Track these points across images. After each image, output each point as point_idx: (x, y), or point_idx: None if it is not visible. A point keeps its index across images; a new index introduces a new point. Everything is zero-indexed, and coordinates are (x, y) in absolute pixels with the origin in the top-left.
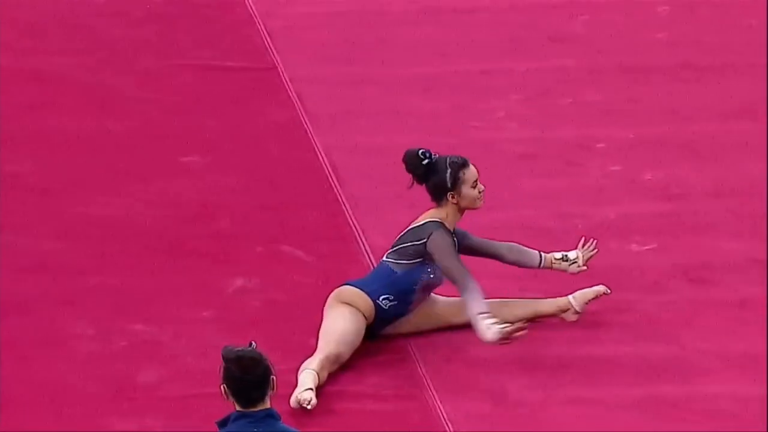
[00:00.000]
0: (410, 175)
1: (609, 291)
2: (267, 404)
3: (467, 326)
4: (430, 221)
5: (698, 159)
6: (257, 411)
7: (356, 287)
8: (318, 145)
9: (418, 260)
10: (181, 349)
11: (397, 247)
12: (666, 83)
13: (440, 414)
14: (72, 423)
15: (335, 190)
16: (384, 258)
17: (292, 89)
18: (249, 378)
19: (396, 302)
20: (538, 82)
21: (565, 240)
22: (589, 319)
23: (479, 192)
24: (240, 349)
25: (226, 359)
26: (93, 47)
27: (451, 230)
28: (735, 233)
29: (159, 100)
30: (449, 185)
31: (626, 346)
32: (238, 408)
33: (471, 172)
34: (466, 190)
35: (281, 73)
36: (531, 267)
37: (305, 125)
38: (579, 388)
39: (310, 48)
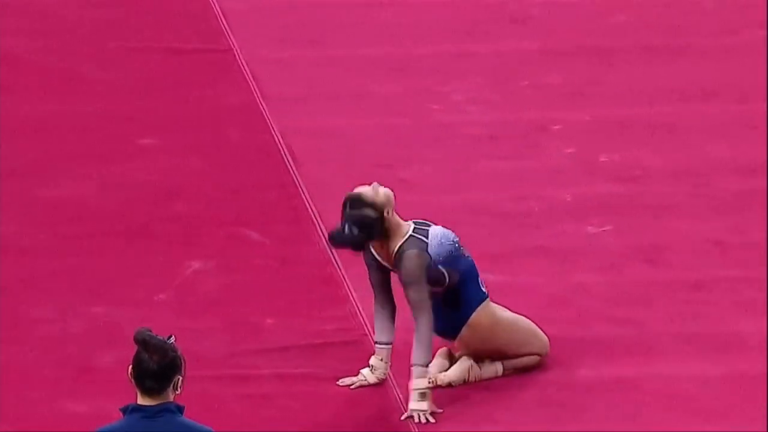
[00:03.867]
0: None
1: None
2: (166, 399)
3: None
4: (399, 251)
5: (656, 141)
6: (153, 405)
7: (480, 304)
8: (274, 127)
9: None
10: None
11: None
12: (625, 65)
13: (396, 397)
14: (30, 405)
15: (292, 172)
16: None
17: (248, 71)
18: (149, 365)
19: (479, 278)
20: (498, 64)
21: (522, 221)
22: (544, 301)
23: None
24: (151, 334)
25: (135, 340)
26: (52, 30)
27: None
28: (693, 214)
29: (116, 82)
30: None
31: (583, 328)
32: (138, 397)
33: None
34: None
35: (237, 56)
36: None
37: (262, 108)
38: (536, 370)
39: (267, 30)
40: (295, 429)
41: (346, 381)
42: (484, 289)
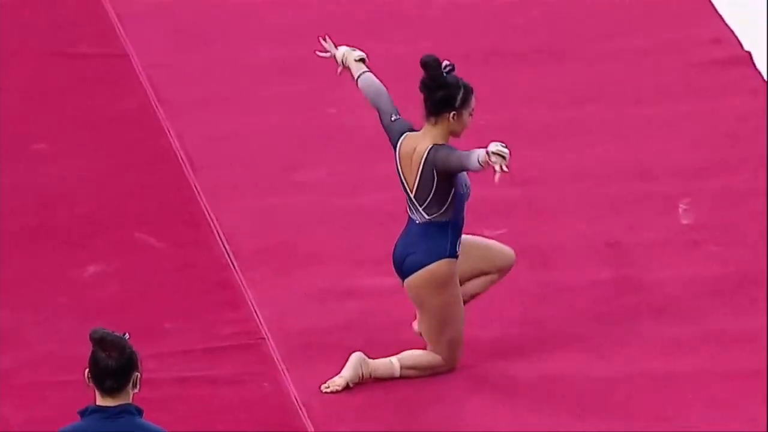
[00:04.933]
0: (423, 82)
1: None
2: (127, 399)
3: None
4: (430, 149)
5: (550, 143)
6: (114, 406)
7: (443, 259)
8: (171, 131)
9: (452, 192)
10: (38, 335)
11: (428, 199)
12: (519, 68)
13: (294, 399)
14: None
15: (188, 176)
16: (424, 219)
17: (144, 75)
18: (107, 362)
19: (460, 238)
20: (394, 66)
21: None
22: None
23: (470, 122)
24: (108, 331)
25: (91, 339)
26: None
27: None
28: (586, 217)
29: (8, 86)
30: (457, 104)
31: (476, 328)
32: (97, 398)
33: (474, 100)
34: (466, 115)
35: (133, 60)
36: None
37: (158, 112)
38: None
39: (162, 34)
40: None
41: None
42: (458, 250)
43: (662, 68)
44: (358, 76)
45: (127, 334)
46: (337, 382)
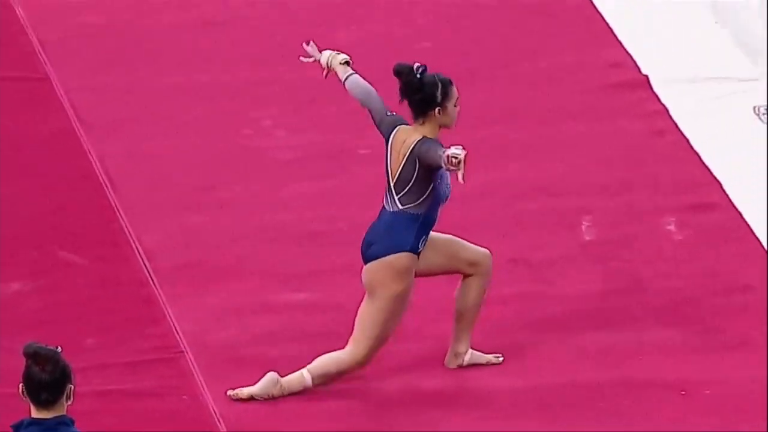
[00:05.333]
0: (400, 88)
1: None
2: (61, 411)
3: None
4: (418, 142)
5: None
6: (50, 418)
7: (403, 252)
8: (92, 153)
9: (430, 186)
10: None
11: (406, 188)
12: None
13: (213, 412)
14: None
15: (109, 196)
16: (397, 208)
17: (65, 98)
18: (42, 376)
19: (427, 236)
20: (305, 90)
21: (331, 240)
22: (352, 319)
23: (457, 112)
24: (41, 346)
25: (24, 354)
26: None
27: None
28: (493, 234)
29: None
30: (438, 99)
31: (389, 342)
32: (32, 411)
33: (455, 90)
34: (451, 106)
35: (54, 83)
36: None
37: (79, 134)
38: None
39: (83, 58)
40: None
41: None
42: (421, 246)
43: (565, 91)
44: (345, 79)
45: (59, 347)
46: (244, 392)
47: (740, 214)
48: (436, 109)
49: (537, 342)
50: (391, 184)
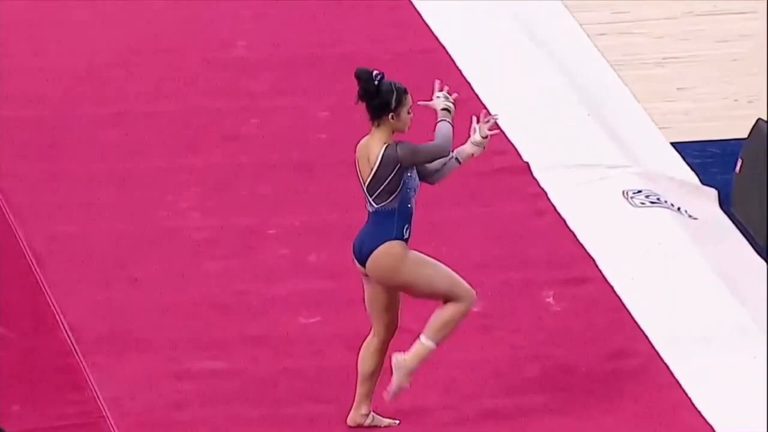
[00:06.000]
0: (359, 92)
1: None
2: None
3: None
4: (384, 150)
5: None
6: None
7: (389, 241)
8: (19, 232)
9: (400, 184)
10: None
11: (378, 190)
12: (327, 177)
13: None
14: None
15: (35, 272)
16: (373, 208)
17: None
18: None
19: (409, 224)
20: (218, 176)
21: (242, 312)
22: (260, 384)
23: (410, 119)
24: None
25: None
26: None
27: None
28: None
29: None
30: (393, 106)
31: (296, 406)
32: None
33: (410, 98)
34: (404, 113)
35: None
36: (454, 167)
37: (7, 216)
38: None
39: (10, 147)
40: None
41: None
42: (406, 235)
43: (452, 176)
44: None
45: None
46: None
47: (611, 287)
48: (390, 115)
49: (422, 406)
50: (364, 189)
